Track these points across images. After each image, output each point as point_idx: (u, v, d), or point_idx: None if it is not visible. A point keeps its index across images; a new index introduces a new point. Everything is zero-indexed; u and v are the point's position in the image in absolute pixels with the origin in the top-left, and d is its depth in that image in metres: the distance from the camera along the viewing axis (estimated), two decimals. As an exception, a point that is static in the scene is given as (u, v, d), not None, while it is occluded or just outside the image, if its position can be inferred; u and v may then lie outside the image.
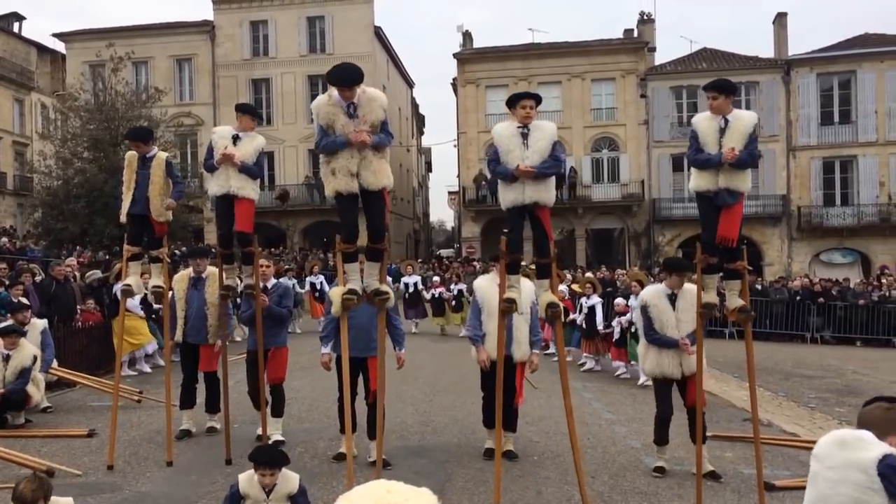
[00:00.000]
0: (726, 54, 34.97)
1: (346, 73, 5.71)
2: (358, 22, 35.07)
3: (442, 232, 74.31)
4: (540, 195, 5.72)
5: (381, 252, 5.96)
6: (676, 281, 6.87)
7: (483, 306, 6.97)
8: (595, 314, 12.87)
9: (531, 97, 5.98)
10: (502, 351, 6.07)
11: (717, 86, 5.95)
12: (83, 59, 34.70)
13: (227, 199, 6.75)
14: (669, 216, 33.47)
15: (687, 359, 6.60)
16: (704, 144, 5.80)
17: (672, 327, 6.68)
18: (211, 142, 7.02)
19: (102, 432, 7.85)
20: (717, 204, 5.77)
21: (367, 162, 5.71)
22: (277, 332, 7.67)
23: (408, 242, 45.04)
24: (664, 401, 6.79)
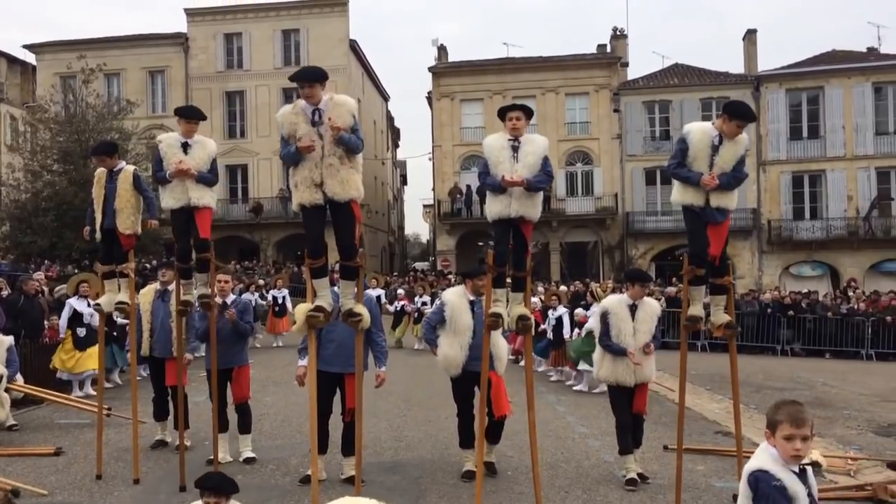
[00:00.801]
0: (698, 70, 35.49)
1: (308, 70, 5.56)
2: (333, 35, 35.12)
3: (417, 245, 74.28)
4: (526, 210, 5.68)
5: (356, 270, 5.69)
6: (638, 291, 7.01)
7: (450, 322, 6.73)
8: (562, 325, 13.08)
9: (518, 109, 5.90)
10: (486, 366, 6.01)
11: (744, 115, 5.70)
12: (54, 71, 34.36)
13: (186, 211, 6.53)
14: (643, 229, 33.79)
15: (640, 367, 6.80)
16: (693, 159, 5.70)
17: (629, 336, 6.82)
18: (158, 151, 6.68)
19: (70, 450, 7.73)
20: (703, 220, 5.74)
21: (332, 171, 5.39)
22: (239, 350, 7.52)
23: (382, 256, 44.95)
24: (621, 408, 6.93)
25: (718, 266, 5.91)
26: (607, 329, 6.92)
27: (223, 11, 36.14)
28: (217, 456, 6.87)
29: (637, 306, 6.95)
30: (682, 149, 5.79)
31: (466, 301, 6.77)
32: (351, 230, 5.58)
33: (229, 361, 7.33)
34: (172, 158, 6.50)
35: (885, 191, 32.46)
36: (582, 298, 18.34)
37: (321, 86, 5.45)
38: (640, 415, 7.03)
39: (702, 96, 33.68)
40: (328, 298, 5.67)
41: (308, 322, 5.59)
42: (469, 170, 35.09)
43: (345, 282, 5.75)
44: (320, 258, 5.61)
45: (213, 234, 26.72)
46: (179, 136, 6.67)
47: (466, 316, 6.67)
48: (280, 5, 35.90)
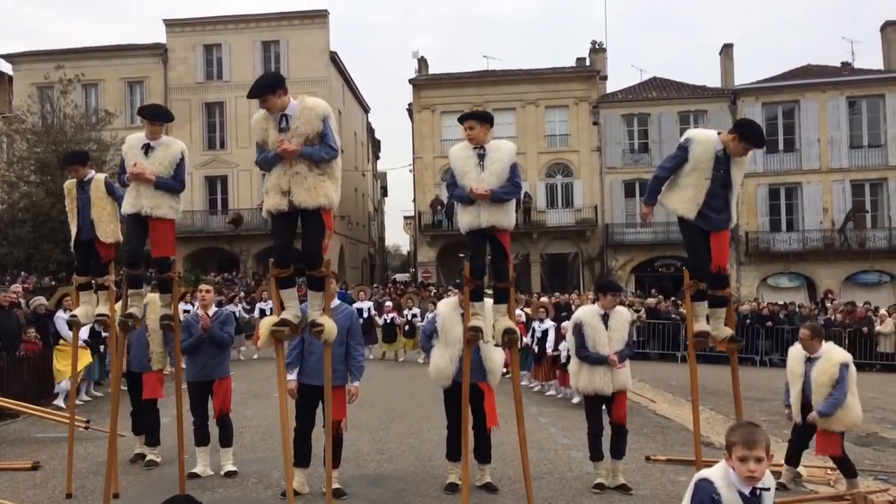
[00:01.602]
0: (676, 83, 35.90)
1: (256, 85, 5.30)
2: (313, 47, 35.12)
3: (397, 256, 74.24)
4: (497, 219, 5.62)
5: (321, 280, 5.54)
6: (610, 301, 7.06)
7: (441, 334, 6.68)
8: (547, 338, 12.97)
9: (473, 118, 5.84)
10: (467, 380, 6.00)
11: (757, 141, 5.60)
12: (31, 81, 34.01)
13: (140, 218, 6.02)
14: (622, 241, 34.03)
15: (617, 375, 6.84)
16: (692, 170, 5.58)
17: (604, 346, 6.85)
18: (123, 153, 6.30)
19: (47, 464, 7.62)
20: (705, 229, 5.61)
21: (299, 178, 5.23)
22: (220, 362, 7.40)
23: (363, 267, 44.85)
24: (595, 416, 6.97)
25: (718, 277, 5.77)
26: (583, 340, 6.97)
27: (202, 22, 36.03)
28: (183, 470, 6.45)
29: (609, 315, 7.02)
30: (681, 157, 5.63)
31: (458, 313, 6.62)
32: (317, 238, 5.40)
33: (210, 373, 7.26)
34: (132, 161, 6.07)
35: (859, 203, 32.96)
36: (564, 310, 18.39)
37: (276, 94, 5.26)
38: (622, 425, 7.02)
39: (680, 109, 34.06)
40: (295, 310, 5.55)
41: (273, 336, 5.49)
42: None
43: (311, 293, 5.60)
44: (287, 268, 5.48)
45: (193, 246, 26.84)
46: (143, 137, 6.22)
47: (458, 328, 6.51)
48: (260, 17, 35.86)
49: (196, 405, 7.28)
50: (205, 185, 35.84)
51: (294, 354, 6.57)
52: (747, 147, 5.58)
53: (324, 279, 5.55)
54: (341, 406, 6.48)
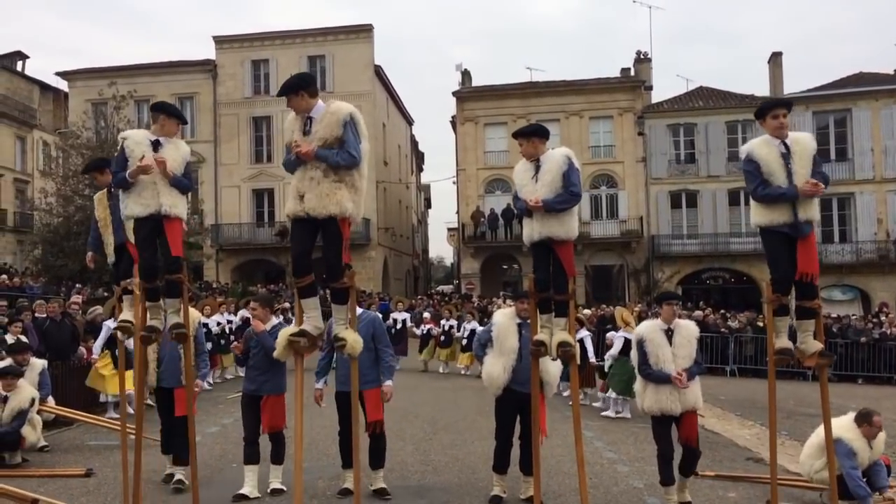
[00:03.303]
0: (722, 93, 35.40)
1: (285, 84, 5.26)
2: (358, 61, 35.55)
3: (441, 268, 74.37)
4: (552, 230, 5.51)
5: (344, 292, 5.37)
6: (668, 311, 6.64)
7: (496, 342, 6.64)
8: (585, 348, 12.84)
9: (520, 135, 5.84)
10: (537, 392, 5.90)
11: (787, 103, 5.57)
12: (86, 98, 35.06)
13: (154, 219, 5.64)
14: (668, 252, 33.58)
15: (685, 394, 6.42)
16: (770, 174, 5.31)
17: (668, 362, 6.44)
18: (122, 149, 5.73)
19: (100, 472, 7.77)
20: (792, 237, 5.35)
21: (313, 184, 5.08)
22: (270, 378, 6.89)
23: (407, 279, 45.03)
24: (664, 438, 6.55)
25: (807, 287, 5.45)
26: (645, 357, 6.55)
27: (250, 38, 36.75)
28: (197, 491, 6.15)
29: (673, 330, 6.58)
30: (753, 168, 5.40)
31: (514, 323, 6.61)
32: (336, 247, 5.23)
33: (258, 389, 6.89)
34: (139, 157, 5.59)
35: (915, 213, 32.00)
36: (609, 322, 18.23)
37: (299, 95, 5.22)
38: (693, 447, 6.55)
39: (727, 119, 33.55)
40: (316, 321, 5.44)
41: (291, 347, 5.39)
42: (493, 193, 35.20)
43: (335, 306, 5.45)
44: (305, 276, 5.34)
45: (240, 258, 27.26)
46: (149, 134, 5.85)
47: (513, 338, 6.52)
48: (306, 32, 36.45)
49: (245, 420, 6.99)
50: (252, 197, 36.44)
51: (323, 364, 6.81)
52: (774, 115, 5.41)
53: (347, 291, 5.39)
54: (377, 408, 6.69)
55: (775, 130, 5.43)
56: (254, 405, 6.88)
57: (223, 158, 36.04)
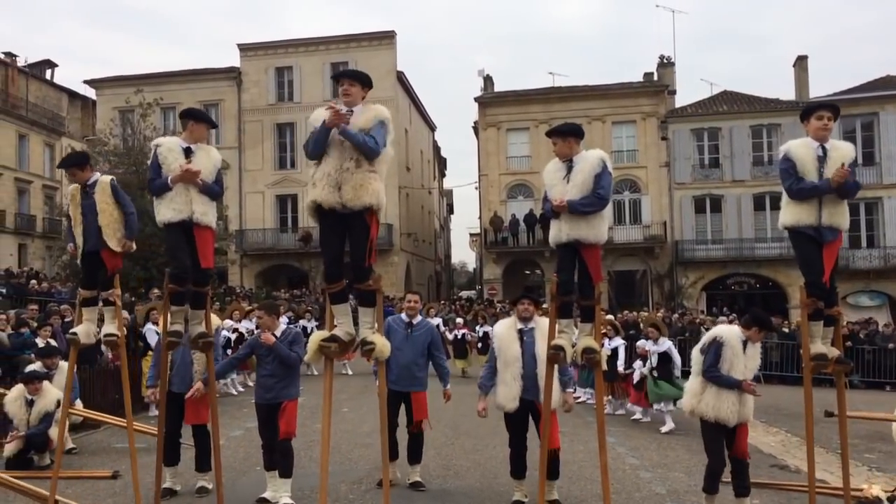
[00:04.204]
0: (747, 97, 35.13)
1: (351, 69, 5.46)
2: (381, 67, 35.69)
3: (464, 273, 74.38)
4: (580, 232, 5.36)
5: (371, 294, 5.29)
6: (756, 334, 6.29)
7: (499, 354, 6.58)
8: (617, 356, 12.73)
9: (555, 133, 5.68)
10: (549, 400, 5.80)
11: (833, 106, 5.53)
12: (113, 105, 35.59)
13: (185, 225, 5.69)
14: (692, 258, 33.34)
15: (745, 405, 6.16)
16: (805, 174, 5.35)
17: (739, 372, 6.15)
18: (156, 156, 5.79)
19: (126, 474, 7.86)
20: (819, 241, 5.35)
21: (348, 174, 4.99)
22: (288, 384, 6.83)
23: (429, 284, 45.11)
24: (718, 452, 6.22)
25: (828, 294, 5.45)
26: (717, 360, 6.18)
27: (274, 46, 37.11)
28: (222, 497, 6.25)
29: (748, 343, 6.32)
30: (789, 166, 5.43)
31: (514, 330, 6.59)
32: (363, 247, 5.12)
33: (277, 396, 6.75)
34: (173, 164, 5.70)
35: (945, 218, 31.50)
36: (632, 328, 18.10)
37: (361, 89, 5.29)
38: (744, 460, 6.29)
39: (752, 123, 33.28)
40: (347, 327, 5.37)
41: (321, 352, 5.35)
42: (515, 198, 35.19)
43: (362, 308, 5.35)
44: (337, 282, 5.25)
45: (264, 263, 27.36)
46: (181, 141, 5.92)
47: (514, 346, 6.49)
48: (329, 39, 36.73)
49: (264, 428, 6.84)
50: (276, 203, 36.74)
51: None
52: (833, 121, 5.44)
53: (374, 293, 5.31)
54: (422, 408, 7.27)
55: (817, 132, 5.46)
56: (272, 412, 6.75)
57: (247, 165, 36.38)
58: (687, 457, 9.21)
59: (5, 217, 37.15)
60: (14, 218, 37.81)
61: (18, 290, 20.39)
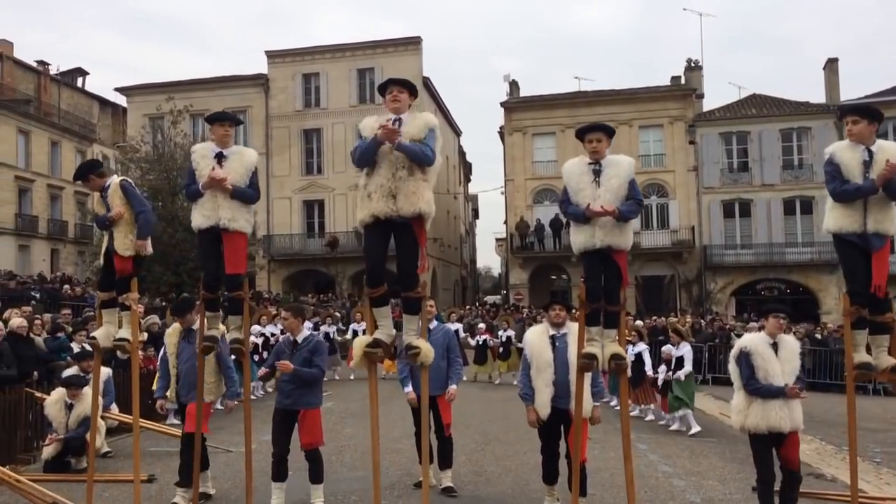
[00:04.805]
0: (776, 100, 34.78)
1: (405, 81, 5.43)
2: (407, 73, 35.78)
3: (489, 278, 74.34)
4: (615, 239, 5.30)
5: (418, 301, 5.32)
6: (774, 325, 6.13)
7: (531, 361, 6.43)
8: (643, 362, 12.70)
9: (599, 129, 5.52)
10: (581, 409, 5.69)
11: (860, 109, 5.42)
12: (143, 112, 36.03)
13: (215, 231, 5.73)
14: (721, 263, 33.04)
15: (794, 410, 5.94)
16: (849, 177, 5.24)
17: (777, 376, 5.96)
18: (192, 163, 5.93)
19: (161, 477, 7.98)
20: (864, 249, 5.26)
21: (401, 182, 5.03)
22: (308, 392, 6.66)
23: (455, 289, 45.12)
24: (767, 462, 6.02)
25: (880, 301, 5.33)
26: (752, 371, 6.01)
27: (301, 53, 37.40)
28: None
29: (778, 344, 6.13)
30: (833, 169, 5.33)
31: (546, 336, 6.46)
32: (412, 256, 5.19)
33: (295, 403, 6.60)
34: (205, 170, 5.76)
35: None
36: (660, 333, 17.98)
37: (409, 97, 5.33)
38: (796, 471, 6.08)
39: (781, 126, 32.94)
40: (388, 329, 5.41)
41: (367, 357, 5.39)
42: (541, 203, 35.11)
43: (407, 316, 5.40)
44: (379, 287, 5.27)
45: (291, 268, 27.43)
46: (214, 146, 5.96)
47: (546, 352, 6.35)
48: (355, 45, 36.95)
49: (277, 436, 6.64)
50: (302, 208, 36.99)
51: (407, 371, 7.13)
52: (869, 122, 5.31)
53: (420, 301, 5.35)
54: (448, 412, 7.26)
55: (849, 135, 5.41)
56: (288, 420, 6.63)
57: (275, 170, 36.66)
58: (721, 464, 9.12)
59: (38, 223, 37.79)
60: (47, 224, 38.46)
61: (52, 294, 20.73)
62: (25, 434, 9.13)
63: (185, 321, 7.08)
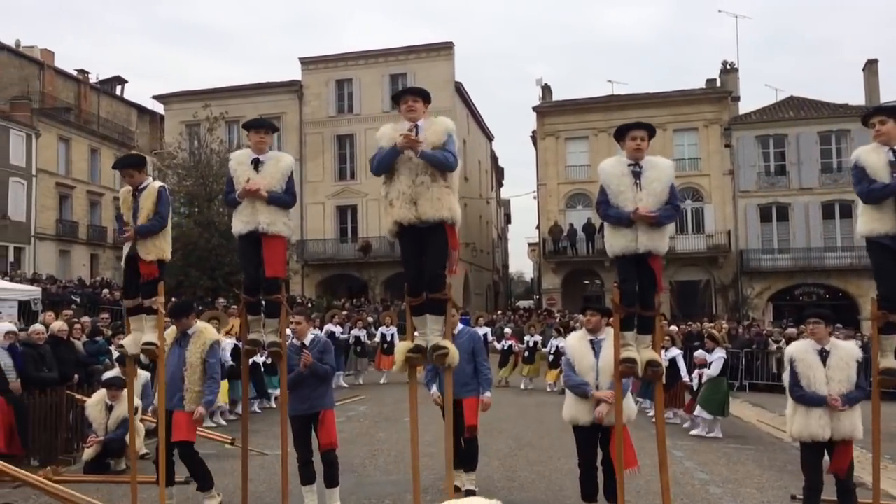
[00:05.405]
0: (814, 102, 34.22)
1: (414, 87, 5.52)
2: (439, 78, 35.90)
3: (521, 283, 74.10)
4: (654, 243, 5.23)
5: (443, 303, 5.31)
6: (821, 331, 5.99)
7: (574, 365, 6.27)
8: (677, 367, 12.55)
9: (643, 128, 5.38)
10: (621, 419, 5.58)
11: (887, 109, 5.37)
12: (180, 119, 36.65)
13: (254, 236, 5.83)
14: (758, 268, 32.56)
15: (839, 420, 5.79)
16: (876, 178, 5.17)
17: (821, 384, 5.81)
18: (230, 171, 6.06)
19: (197, 479, 8.06)
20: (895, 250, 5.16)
21: (423, 188, 5.06)
22: (324, 393, 6.75)
23: (487, 294, 45.06)
24: (813, 469, 5.92)
25: None
26: (796, 378, 5.95)
27: (335, 59, 37.69)
28: None
29: (829, 351, 5.95)
30: (860, 171, 5.29)
31: (586, 341, 6.31)
32: (439, 257, 5.21)
33: (314, 406, 6.63)
34: (242, 177, 5.87)
35: None
36: (696, 339, 17.78)
37: (423, 104, 5.35)
38: (844, 480, 5.89)
39: (820, 129, 32.37)
40: (427, 335, 5.44)
41: (408, 362, 5.46)
42: (574, 208, 34.93)
43: (432, 317, 5.35)
44: (420, 296, 5.31)
45: (324, 273, 27.66)
46: (251, 152, 6.05)
47: (588, 356, 6.17)
48: (388, 51, 37.13)
49: (301, 441, 6.66)
50: (336, 214, 37.24)
51: (431, 374, 7.19)
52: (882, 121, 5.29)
53: (446, 302, 5.34)
54: (474, 414, 7.15)
55: (877, 135, 5.34)
56: (307, 424, 6.68)
57: (308, 176, 36.97)
58: (758, 472, 8.98)
59: (78, 228, 38.56)
60: (87, 229, 39.21)
61: (92, 298, 21.15)
62: (66, 436, 9.31)
63: (181, 324, 6.81)
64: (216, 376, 6.78)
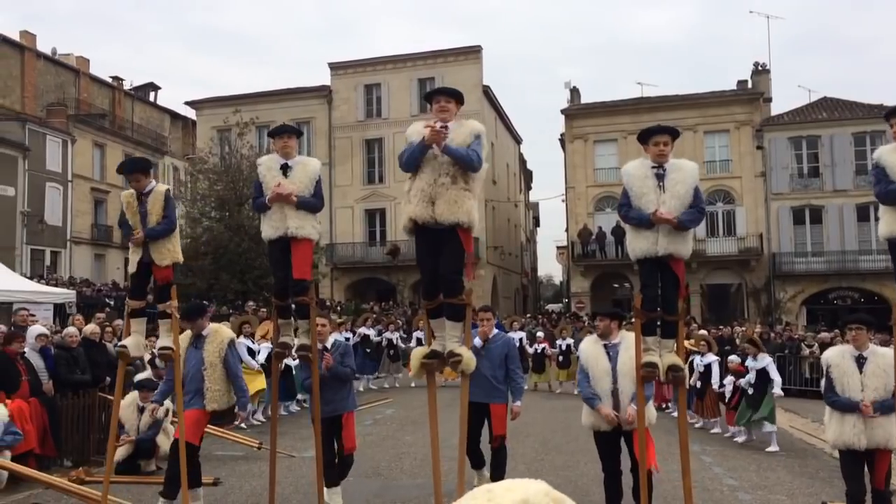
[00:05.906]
0: (848, 103, 33.64)
1: (448, 87, 5.49)
2: (467, 82, 35.89)
3: (550, 286, 73.83)
4: (676, 247, 5.14)
5: (461, 309, 5.22)
6: (860, 337, 5.88)
7: (588, 371, 6.23)
8: (711, 373, 12.38)
9: (665, 132, 5.34)
10: (643, 423, 5.50)
11: None
12: (212, 125, 37.02)
13: (284, 241, 5.88)
14: (791, 271, 32.06)
15: (874, 428, 5.69)
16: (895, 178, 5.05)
17: (856, 391, 5.72)
18: (258, 176, 6.11)
19: (226, 481, 8.17)
20: None
21: (442, 189, 5.00)
22: (347, 395, 6.91)
23: (516, 297, 44.94)
24: (854, 477, 5.82)
25: None
26: (831, 384, 5.89)
27: (363, 64, 37.89)
28: None
29: (867, 358, 5.83)
30: (879, 172, 5.19)
31: (600, 346, 6.25)
32: (455, 261, 5.13)
33: (337, 408, 6.77)
34: (271, 182, 5.93)
35: None
36: (726, 343, 17.53)
37: (456, 105, 5.35)
38: (880, 490, 5.80)
39: (854, 130, 31.79)
40: (444, 340, 5.37)
41: (424, 368, 5.41)
42: (603, 211, 34.71)
43: (450, 323, 5.25)
44: (435, 298, 5.26)
45: (353, 276, 27.80)
46: (279, 158, 6.09)
47: (603, 360, 6.13)
48: (416, 56, 37.25)
49: (327, 443, 6.70)
50: (364, 217, 37.42)
51: None
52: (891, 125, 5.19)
53: (464, 308, 5.24)
54: (502, 423, 6.94)
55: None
56: (330, 427, 6.73)
57: (337, 180, 37.20)
58: (788, 479, 8.85)
59: (113, 233, 39.19)
60: (121, 234, 39.77)
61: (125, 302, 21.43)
62: (98, 437, 9.47)
63: (194, 326, 6.85)
64: (240, 374, 6.90)
